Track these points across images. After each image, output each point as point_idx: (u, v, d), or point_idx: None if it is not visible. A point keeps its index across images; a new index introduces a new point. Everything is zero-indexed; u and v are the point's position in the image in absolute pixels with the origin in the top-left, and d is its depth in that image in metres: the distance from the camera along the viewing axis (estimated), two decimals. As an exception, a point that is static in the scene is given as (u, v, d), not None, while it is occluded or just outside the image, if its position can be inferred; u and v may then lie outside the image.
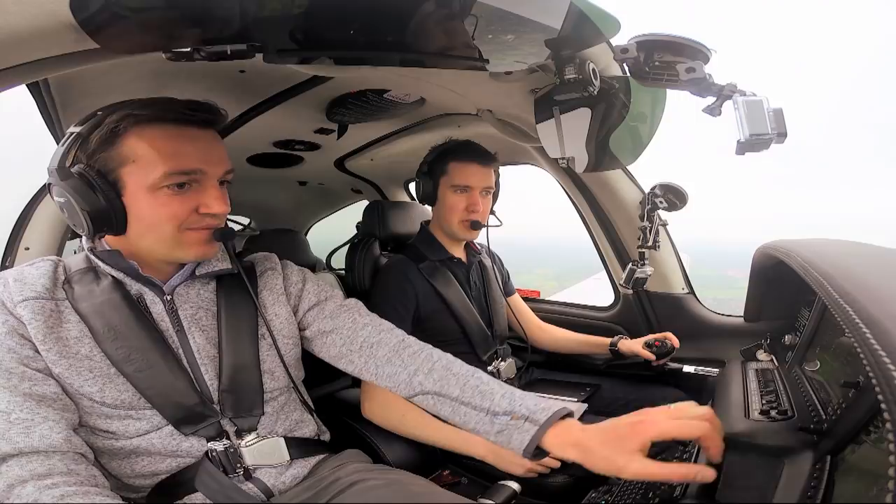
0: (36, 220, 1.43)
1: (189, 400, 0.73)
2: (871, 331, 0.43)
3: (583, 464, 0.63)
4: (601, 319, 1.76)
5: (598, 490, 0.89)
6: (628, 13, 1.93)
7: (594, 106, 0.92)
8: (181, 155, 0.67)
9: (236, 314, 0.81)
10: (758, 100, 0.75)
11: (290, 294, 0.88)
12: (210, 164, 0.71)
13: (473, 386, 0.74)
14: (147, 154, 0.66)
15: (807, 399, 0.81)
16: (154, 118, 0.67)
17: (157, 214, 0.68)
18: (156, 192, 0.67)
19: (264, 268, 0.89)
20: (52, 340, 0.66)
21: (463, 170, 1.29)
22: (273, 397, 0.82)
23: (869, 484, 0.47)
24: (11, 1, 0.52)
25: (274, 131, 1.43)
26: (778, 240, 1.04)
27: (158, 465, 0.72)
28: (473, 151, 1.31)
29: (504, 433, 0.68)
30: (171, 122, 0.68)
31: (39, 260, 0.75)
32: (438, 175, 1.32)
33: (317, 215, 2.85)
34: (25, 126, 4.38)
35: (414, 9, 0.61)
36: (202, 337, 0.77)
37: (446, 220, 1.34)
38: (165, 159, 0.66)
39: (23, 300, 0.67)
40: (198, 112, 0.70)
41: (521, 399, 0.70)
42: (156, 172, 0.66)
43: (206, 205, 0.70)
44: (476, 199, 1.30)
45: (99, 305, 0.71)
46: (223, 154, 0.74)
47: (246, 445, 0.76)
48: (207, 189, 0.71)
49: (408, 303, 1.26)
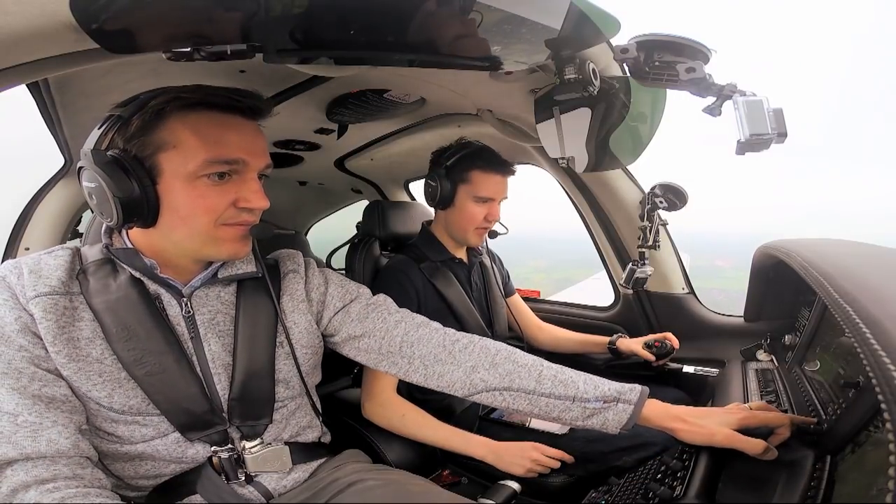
0: (36, 220, 1.43)
1: (198, 407, 0.71)
2: (871, 331, 0.43)
3: (676, 433, 0.73)
4: (601, 319, 1.76)
5: (598, 490, 0.89)
6: (628, 13, 1.93)
7: (594, 106, 0.92)
8: (224, 143, 0.64)
9: (255, 319, 0.77)
10: (758, 100, 0.75)
11: (313, 300, 0.85)
12: (253, 154, 0.67)
13: (551, 376, 0.75)
14: (189, 140, 0.63)
15: (807, 399, 0.81)
16: (199, 103, 0.64)
17: (193, 205, 0.65)
18: (194, 181, 0.64)
19: (287, 269, 0.85)
20: (63, 342, 0.64)
21: (487, 181, 1.27)
22: (284, 405, 0.80)
23: (869, 484, 0.47)
24: (11, 1, 0.52)
25: (274, 131, 1.43)
26: (778, 240, 1.04)
27: (162, 469, 0.71)
28: (497, 161, 1.28)
29: (596, 416, 0.73)
30: (216, 109, 0.65)
31: (59, 248, 0.72)
32: (458, 181, 1.28)
33: (317, 215, 2.85)
34: (26, 126, 4.38)
35: (414, 9, 0.61)
36: (218, 343, 0.74)
37: (460, 228, 1.32)
38: (208, 146, 0.63)
39: (35, 296, 0.64)
40: (245, 99, 0.67)
41: (603, 383, 0.75)
42: (196, 159, 0.63)
43: (245, 198, 0.67)
44: (496, 211, 1.30)
45: (114, 302, 0.68)
46: (265, 146, 0.71)
47: (250, 453, 0.75)
48: (247, 182, 0.67)
49: (409, 303, 1.25)
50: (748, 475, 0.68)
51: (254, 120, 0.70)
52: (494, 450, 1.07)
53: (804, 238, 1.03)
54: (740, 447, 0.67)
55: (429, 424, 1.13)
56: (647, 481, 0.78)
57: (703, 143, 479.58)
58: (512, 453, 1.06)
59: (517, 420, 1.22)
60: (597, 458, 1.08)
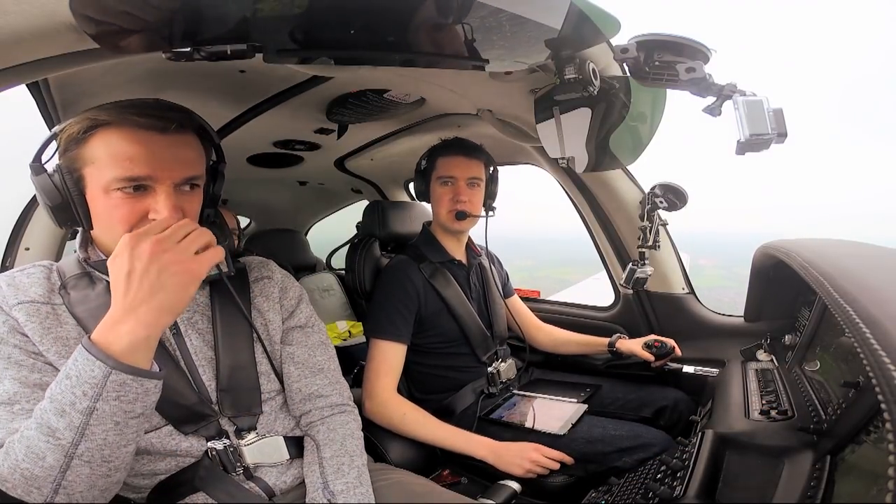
0: (36, 221, 1.43)
1: (187, 400, 0.73)
2: (871, 331, 0.43)
3: None
4: (601, 319, 1.76)
5: (598, 490, 0.89)
6: (628, 13, 1.93)
7: (594, 106, 0.92)
8: (133, 160, 0.66)
9: (232, 318, 0.81)
10: (758, 100, 0.75)
11: (283, 307, 0.88)
12: (162, 169, 0.67)
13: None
14: (102, 157, 0.66)
15: (807, 399, 0.81)
16: (113, 122, 0.66)
17: (109, 216, 0.68)
18: (110, 192, 0.67)
19: (260, 275, 0.89)
20: (51, 340, 0.66)
21: (447, 162, 1.33)
22: (271, 397, 0.82)
23: (869, 484, 0.47)
24: (11, 1, 0.52)
25: (274, 131, 1.43)
26: (778, 240, 1.04)
27: (157, 465, 0.72)
28: (458, 145, 1.34)
29: None
30: (130, 126, 0.66)
31: (30, 266, 0.74)
32: (429, 171, 1.36)
33: (317, 215, 2.85)
34: (26, 126, 4.37)
35: (414, 9, 0.61)
36: (199, 339, 0.77)
37: (437, 213, 1.37)
38: (116, 164, 0.65)
39: (18, 303, 0.67)
40: (153, 117, 0.67)
41: None
42: (107, 176, 0.66)
43: (155, 210, 0.68)
44: (461, 190, 1.32)
45: (94, 309, 0.70)
46: (183, 158, 0.70)
47: (246, 444, 0.77)
48: (159, 195, 0.68)
49: (410, 303, 1.26)
50: (748, 475, 0.68)
51: (172, 133, 0.69)
52: (495, 450, 1.07)
53: (804, 238, 1.03)
54: None
55: (429, 424, 1.14)
56: (646, 481, 0.78)
57: (689, 143, 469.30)
58: (512, 453, 1.06)
59: (517, 420, 1.22)
60: (597, 459, 1.08)
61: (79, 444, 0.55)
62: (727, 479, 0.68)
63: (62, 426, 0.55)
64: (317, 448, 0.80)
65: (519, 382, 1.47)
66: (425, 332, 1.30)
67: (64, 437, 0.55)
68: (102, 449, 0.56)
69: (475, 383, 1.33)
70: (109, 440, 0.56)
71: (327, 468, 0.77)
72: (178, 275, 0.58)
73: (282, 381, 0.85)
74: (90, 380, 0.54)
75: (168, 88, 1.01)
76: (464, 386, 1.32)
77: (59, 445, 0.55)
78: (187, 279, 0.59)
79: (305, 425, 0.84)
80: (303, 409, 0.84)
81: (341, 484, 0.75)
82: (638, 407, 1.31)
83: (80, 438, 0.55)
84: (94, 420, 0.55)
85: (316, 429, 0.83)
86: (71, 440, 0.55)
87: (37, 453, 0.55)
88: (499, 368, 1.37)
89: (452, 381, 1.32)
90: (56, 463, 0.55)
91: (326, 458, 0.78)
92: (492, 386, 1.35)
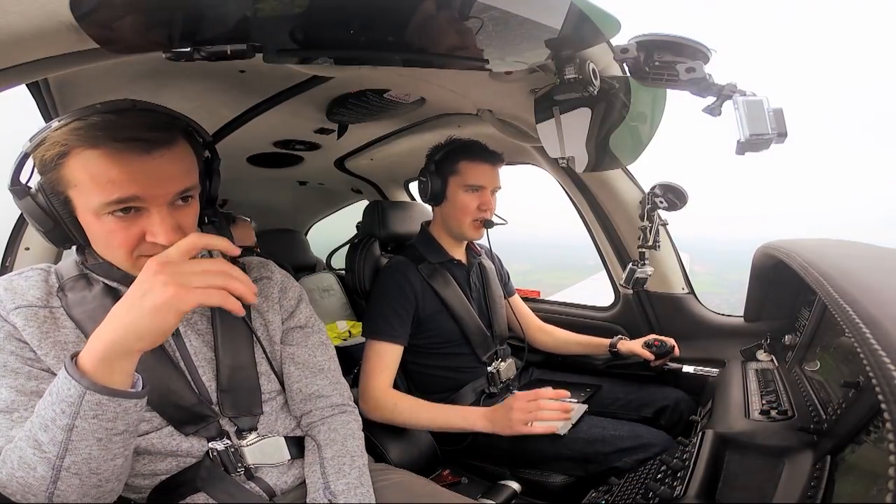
0: (36, 220, 1.43)
1: (187, 401, 0.73)
2: (871, 331, 0.43)
3: None
4: (601, 320, 1.76)
5: (598, 490, 0.89)
6: (628, 13, 1.93)
7: (594, 106, 0.92)
8: (117, 182, 0.60)
9: (231, 319, 0.80)
10: (758, 100, 0.75)
11: (283, 307, 0.88)
12: (150, 187, 0.62)
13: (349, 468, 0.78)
14: (84, 181, 0.61)
15: (807, 399, 0.81)
16: (95, 139, 0.60)
17: (106, 239, 0.65)
18: (101, 217, 0.63)
19: (260, 275, 0.89)
20: (49, 345, 0.66)
21: (475, 169, 1.28)
22: (272, 398, 0.83)
23: (869, 484, 0.47)
24: (11, 1, 0.52)
25: (274, 131, 1.43)
26: (778, 240, 1.04)
27: (158, 465, 0.72)
28: (484, 151, 1.30)
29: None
30: (110, 145, 0.60)
31: (28, 269, 0.73)
32: (448, 174, 1.30)
33: (317, 215, 2.85)
34: (26, 126, 4.35)
35: (414, 9, 0.61)
36: (198, 340, 0.77)
37: (456, 220, 1.32)
38: (100, 188, 0.60)
39: (15, 307, 0.65)
40: (130, 140, 0.61)
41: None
42: (93, 201, 0.62)
43: (151, 232, 0.64)
44: (488, 199, 1.30)
45: (92, 311, 0.70)
46: (173, 173, 0.65)
47: (247, 444, 0.77)
48: (152, 215, 0.64)
49: (408, 304, 1.26)
50: (748, 475, 0.68)
51: (155, 152, 0.63)
52: (490, 417, 1.07)
53: (804, 238, 1.03)
54: None
55: (422, 408, 1.13)
56: (647, 481, 0.78)
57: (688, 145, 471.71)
58: (500, 415, 1.05)
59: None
60: (597, 459, 1.08)
61: (64, 457, 0.55)
62: (727, 479, 0.68)
63: (46, 440, 0.54)
64: (318, 448, 0.80)
65: (519, 382, 1.47)
66: (425, 333, 1.30)
67: (49, 451, 0.55)
68: (89, 462, 0.56)
69: (475, 383, 1.33)
70: (94, 454, 0.56)
71: (328, 468, 0.77)
72: (165, 303, 0.54)
73: (282, 381, 0.85)
74: (67, 398, 0.53)
75: (168, 88, 1.01)
76: (464, 386, 1.32)
77: (46, 458, 0.55)
78: (172, 308, 0.55)
79: (306, 425, 0.84)
80: (303, 409, 0.84)
81: (342, 484, 0.75)
82: (638, 407, 1.31)
83: (64, 452, 0.55)
84: (75, 436, 0.54)
85: (317, 429, 0.83)
86: (56, 454, 0.54)
87: (28, 463, 0.55)
88: (499, 368, 1.37)
89: (453, 381, 1.32)
90: (46, 474, 0.55)
91: (327, 458, 0.78)
92: (492, 386, 1.35)
